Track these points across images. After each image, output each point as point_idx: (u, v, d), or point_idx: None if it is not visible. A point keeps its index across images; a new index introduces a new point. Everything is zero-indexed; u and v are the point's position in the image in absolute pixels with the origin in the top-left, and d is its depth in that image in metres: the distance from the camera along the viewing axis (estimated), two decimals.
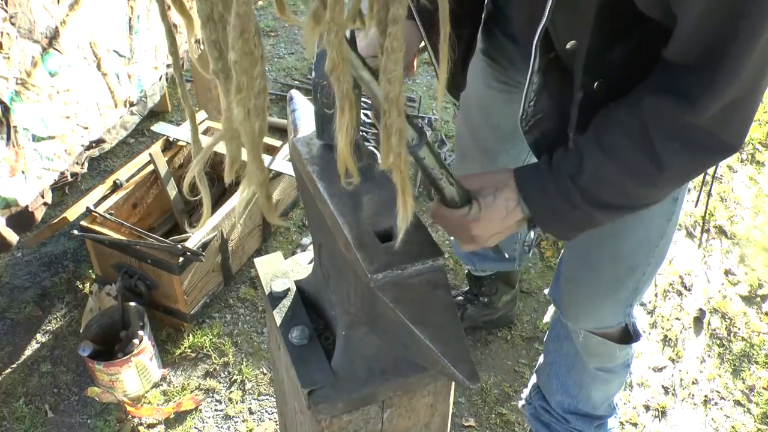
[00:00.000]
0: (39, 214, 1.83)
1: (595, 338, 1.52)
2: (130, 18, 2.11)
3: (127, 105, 2.15)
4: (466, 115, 1.65)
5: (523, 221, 1.06)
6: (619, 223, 1.30)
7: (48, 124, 1.82)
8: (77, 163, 1.93)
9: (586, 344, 1.56)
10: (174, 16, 2.35)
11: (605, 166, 0.96)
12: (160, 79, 2.34)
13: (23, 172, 1.76)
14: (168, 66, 2.38)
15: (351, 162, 0.71)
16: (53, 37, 1.80)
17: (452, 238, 2.14)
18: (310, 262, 1.22)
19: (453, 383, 1.06)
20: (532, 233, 2.04)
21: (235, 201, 2.26)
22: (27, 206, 1.79)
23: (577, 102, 0.98)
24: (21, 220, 1.79)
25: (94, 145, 2.00)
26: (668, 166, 0.93)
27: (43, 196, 1.83)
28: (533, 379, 1.84)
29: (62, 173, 1.89)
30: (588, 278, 1.41)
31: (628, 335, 1.54)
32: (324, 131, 1.03)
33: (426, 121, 3.03)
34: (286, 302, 1.13)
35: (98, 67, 1.98)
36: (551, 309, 2.36)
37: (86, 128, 1.96)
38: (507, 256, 2.02)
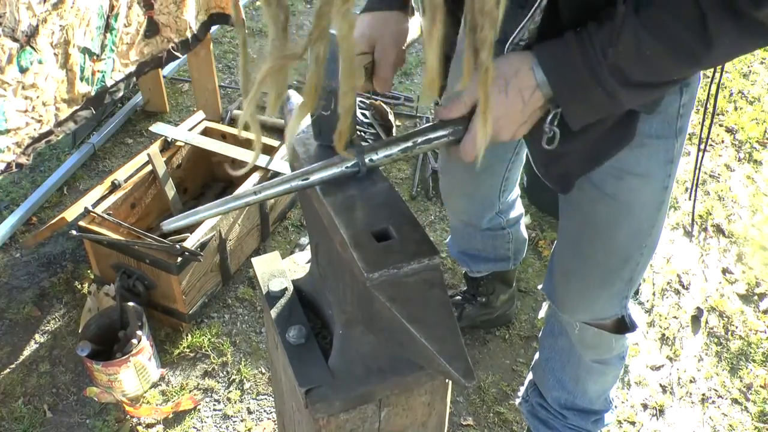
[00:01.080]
0: None
1: (591, 330, 1.52)
2: (109, 16, 2.11)
3: (83, 100, 2.13)
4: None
5: (546, 105, 1.01)
6: (612, 214, 1.30)
7: (7, 118, 1.83)
8: (24, 154, 1.93)
9: (582, 337, 1.56)
10: (157, 15, 2.36)
11: (646, 41, 0.91)
12: (128, 75, 2.32)
13: None
14: (141, 64, 2.36)
15: (438, 79, 0.69)
16: (32, 35, 1.80)
17: (447, 240, 2.16)
18: (308, 262, 1.23)
19: (450, 382, 1.07)
20: (524, 231, 2.05)
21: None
22: None
23: None
24: None
25: (42, 137, 2.00)
26: (717, 45, 0.91)
27: None
28: (529, 376, 1.84)
29: (8, 164, 1.89)
30: (582, 271, 1.42)
31: (624, 326, 1.55)
32: (321, 133, 1.03)
33: (424, 122, 3.04)
34: (284, 302, 1.13)
35: (65, 62, 1.98)
36: (545, 305, 2.36)
37: (39, 122, 1.96)
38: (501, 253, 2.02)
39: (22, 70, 1.81)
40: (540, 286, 1.78)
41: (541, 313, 2.36)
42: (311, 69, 0.74)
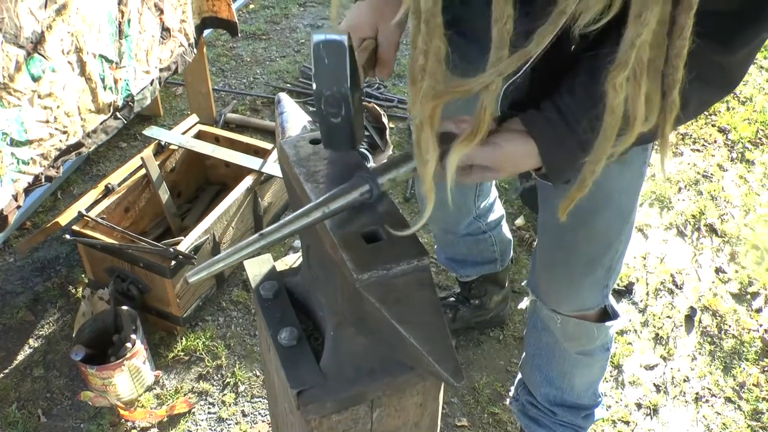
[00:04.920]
0: (12, 218, 1.83)
1: (572, 321, 1.54)
2: (120, 23, 2.11)
3: (112, 109, 2.14)
4: None
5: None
6: (592, 202, 1.31)
7: (27, 129, 1.82)
8: (53, 167, 1.93)
9: (564, 329, 1.57)
10: (167, 20, 2.36)
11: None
12: (152, 83, 2.34)
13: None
14: (161, 70, 2.39)
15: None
16: (38, 42, 1.79)
17: (435, 246, 2.16)
18: (299, 264, 1.23)
19: (443, 382, 1.07)
20: (507, 232, 2.06)
21: (228, 204, 2.26)
22: (2, 210, 1.78)
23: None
24: None
25: (71, 149, 2.00)
26: (689, 102, 0.90)
27: (16, 200, 1.83)
28: (519, 376, 1.85)
29: (37, 177, 1.89)
30: (565, 260, 1.43)
31: (605, 315, 1.57)
32: (331, 140, 0.99)
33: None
34: (276, 304, 1.13)
35: (83, 71, 1.98)
36: (527, 300, 2.37)
37: (65, 132, 1.96)
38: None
39: (35, 79, 1.80)
40: (524, 282, 1.79)
41: (521, 305, 2.37)
42: (486, 102, 0.77)
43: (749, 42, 0.89)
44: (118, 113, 2.17)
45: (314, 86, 0.93)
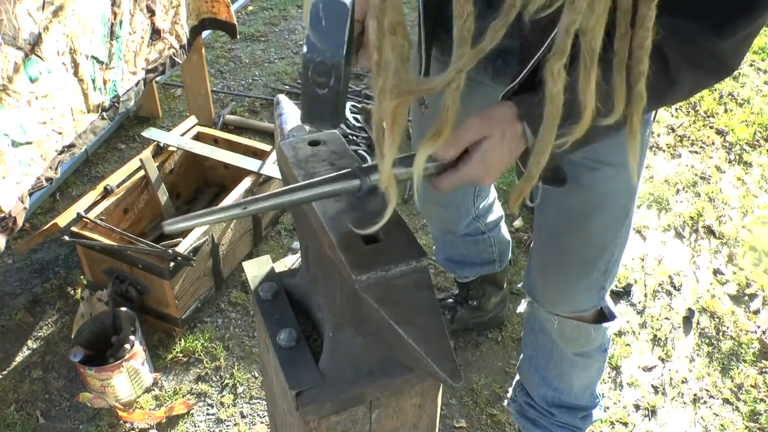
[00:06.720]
0: (20, 220, 1.83)
1: (570, 323, 1.54)
2: (113, 24, 2.11)
3: (99, 110, 2.14)
4: (417, 113, 1.61)
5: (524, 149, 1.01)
6: (587, 205, 1.32)
7: (26, 130, 1.82)
8: (51, 168, 1.93)
9: (561, 330, 1.58)
10: (158, 21, 2.36)
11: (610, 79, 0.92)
12: (137, 84, 2.33)
13: (3, 178, 1.76)
14: (147, 71, 2.38)
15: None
16: (36, 44, 1.80)
17: (434, 247, 2.17)
18: (298, 265, 1.23)
19: (441, 383, 1.07)
20: (506, 233, 2.06)
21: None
22: (10, 212, 1.79)
23: None
24: (5, 225, 1.79)
25: (65, 149, 2.00)
26: (679, 84, 0.93)
27: (22, 201, 1.83)
28: (517, 377, 1.86)
29: (38, 178, 1.90)
30: (560, 263, 1.44)
31: (602, 316, 1.57)
32: (312, 115, 0.94)
33: None
34: (274, 305, 1.14)
35: (76, 72, 1.98)
36: (524, 302, 2.38)
37: (60, 133, 1.96)
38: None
39: (32, 80, 1.81)
40: (521, 284, 1.80)
41: (520, 308, 2.38)
42: (448, 102, 0.74)
43: (741, 29, 0.87)
44: (104, 113, 2.17)
45: (304, 49, 0.87)
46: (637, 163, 0.87)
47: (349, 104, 2.82)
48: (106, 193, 2.28)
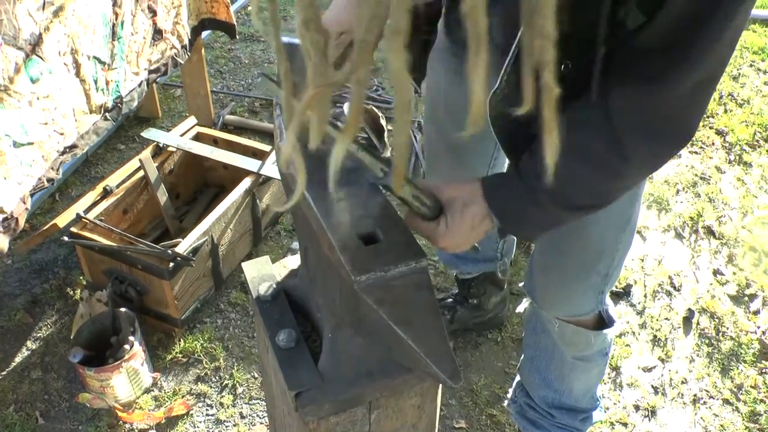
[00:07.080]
0: (22, 220, 1.83)
1: (570, 327, 1.54)
2: (114, 24, 2.11)
3: (102, 111, 2.14)
4: (433, 114, 1.65)
5: (493, 229, 1.07)
6: None
7: (27, 131, 1.82)
8: (52, 169, 1.93)
9: (562, 334, 1.58)
10: (160, 21, 2.36)
11: (569, 164, 0.94)
12: (140, 84, 2.33)
13: (5, 178, 1.76)
14: (150, 71, 2.38)
15: (483, 109, 0.69)
16: (36, 44, 1.80)
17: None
18: (297, 266, 1.23)
19: (440, 384, 1.07)
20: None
21: (226, 205, 2.26)
22: (12, 212, 1.79)
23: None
24: (7, 226, 1.79)
25: (67, 150, 2.00)
26: (633, 156, 0.94)
27: (24, 202, 1.83)
28: (517, 378, 1.86)
29: (39, 179, 1.90)
30: (559, 264, 1.44)
31: (602, 322, 1.57)
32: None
33: (416, 126, 3.05)
34: (274, 306, 1.14)
35: (77, 73, 1.98)
36: (525, 302, 2.37)
37: (62, 134, 1.96)
38: (480, 248, 2.02)
39: (33, 81, 1.80)
40: (521, 284, 1.80)
41: (520, 308, 2.37)
42: (354, 96, 0.74)
43: (685, 77, 0.87)
44: (107, 114, 2.17)
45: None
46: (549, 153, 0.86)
47: (345, 105, 2.81)
48: (106, 193, 2.28)
